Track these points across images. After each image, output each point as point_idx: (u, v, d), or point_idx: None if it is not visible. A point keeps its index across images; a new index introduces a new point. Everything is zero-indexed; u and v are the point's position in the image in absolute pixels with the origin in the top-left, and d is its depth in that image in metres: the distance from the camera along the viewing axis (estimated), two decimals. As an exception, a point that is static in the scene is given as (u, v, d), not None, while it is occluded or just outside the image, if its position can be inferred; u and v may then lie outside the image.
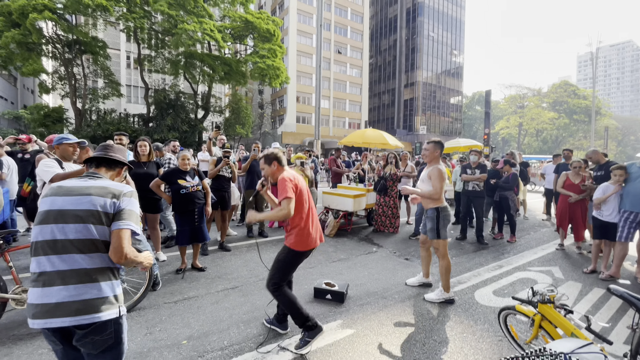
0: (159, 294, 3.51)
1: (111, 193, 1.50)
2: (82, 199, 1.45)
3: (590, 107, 47.10)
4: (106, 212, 1.47)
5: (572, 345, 1.61)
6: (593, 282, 4.19)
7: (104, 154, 1.68)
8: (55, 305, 1.34)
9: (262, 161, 2.66)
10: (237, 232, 6.10)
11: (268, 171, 2.64)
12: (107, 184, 1.55)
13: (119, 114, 25.06)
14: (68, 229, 1.40)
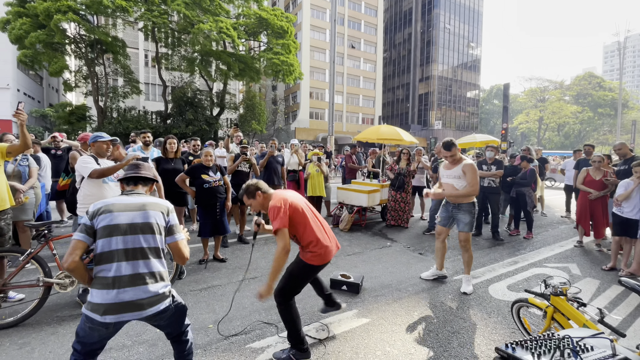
0: (185, 283, 3.73)
1: (163, 209, 1.83)
2: (144, 214, 1.74)
3: (616, 99, 45.08)
4: (162, 224, 1.79)
5: (583, 333, 1.68)
6: (612, 279, 4.16)
7: (137, 173, 1.93)
8: (128, 303, 1.60)
9: (244, 198, 2.45)
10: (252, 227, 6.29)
11: (256, 205, 2.44)
12: (157, 201, 1.85)
13: (138, 112, 25.81)
14: (136, 240, 1.68)
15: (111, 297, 1.58)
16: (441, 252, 3.98)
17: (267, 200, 2.40)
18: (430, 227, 6.25)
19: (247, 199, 2.44)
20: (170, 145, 4.66)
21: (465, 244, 3.70)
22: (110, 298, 1.58)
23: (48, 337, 2.59)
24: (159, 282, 1.71)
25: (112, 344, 2.49)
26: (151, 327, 2.78)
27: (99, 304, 1.58)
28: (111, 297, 1.59)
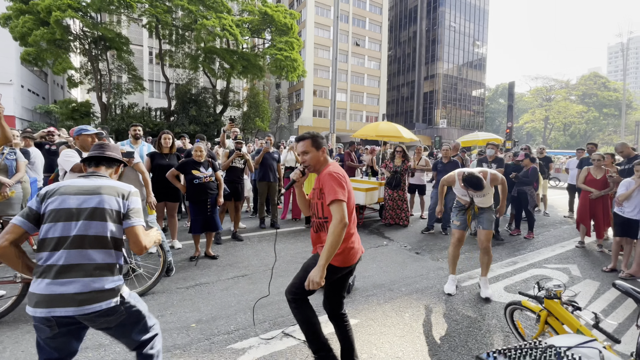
0: (172, 280, 3.66)
1: (120, 193, 1.63)
2: (95, 198, 1.55)
3: (621, 100, 44.45)
4: (118, 210, 1.59)
5: (574, 340, 1.57)
6: (612, 281, 4.00)
7: (101, 153, 1.76)
8: (61, 296, 1.41)
9: (306, 143, 2.02)
10: (247, 225, 6.19)
11: (312, 159, 2.02)
12: (115, 184, 1.66)
13: (142, 108, 25.88)
14: (82, 226, 1.49)
15: (41, 288, 1.41)
16: (457, 260, 3.69)
17: (324, 162, 2.07)
18: (429, 227, 6.13)
19: (309, 145, 2.02)
20: (165, 141, 4.59)
21: (487, 244, 3.48)
22: (40, 288, 1.41)
23: (23, 336, 2.53)
24: (103, 277, 1.49)
25: (89, 343, 2.42)
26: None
27: (31, 294, 1.43)
28: (42, 287, 1.41)
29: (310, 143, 2.03)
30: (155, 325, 1.79)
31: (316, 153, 2.04)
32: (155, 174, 4.42)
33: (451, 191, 6.08)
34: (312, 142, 2.04)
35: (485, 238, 3.50)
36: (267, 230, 5.89)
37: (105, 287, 1.49)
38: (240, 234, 5.31)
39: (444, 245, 5.32)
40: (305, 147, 2.04)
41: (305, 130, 13.83)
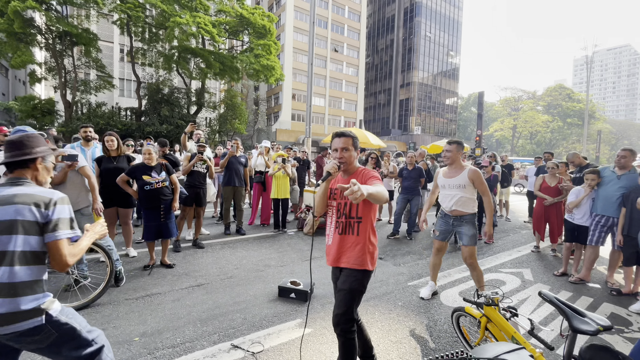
0: (122, 290, 3.47)
1: (38, 202, 1.46)
2: (9, 209, 1.40)
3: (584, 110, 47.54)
4: (35, 221, 1.43)
5: (500, 349, 1.61)
6: (562, 285, 4.22)
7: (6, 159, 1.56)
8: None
9: (348, 140, 2.02)
10: (211, 231, 6.02)
11: (350, 157, 2.01)
12: (33, 191, 1.49)
13: (111, 107, 24.81)
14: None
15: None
16: (438, 268, 3.71)
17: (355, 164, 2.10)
18: (394, 232, 6.22)
19: (350, 144, 2.03)
20: (109, 143, 4.28)
21: (471, 261, 3.34)
22: None
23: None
24: (22, 296, 1.37)
25: None
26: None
27: None
28: None
29: (352, 141, 2.05)
30: (99, 337, 1.65)
31: (354, 152, 2.05)
32: (102, 178, 4.18)
33: (416, 197, 6.23)
34: (353, 141, 2.06)
35: (468, 254, 3.36)
36: (232, 236, 5.75)
37: (24, 307, 1.37)
38: (201, 242, 5.15)
39: (407, 251, 5.41)
40: (346, 144, 2.03)
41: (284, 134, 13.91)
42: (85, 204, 3.52)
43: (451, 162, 3.47)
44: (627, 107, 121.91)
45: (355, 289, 1.96)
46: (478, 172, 3.33)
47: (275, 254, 4.95)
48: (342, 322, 1.93)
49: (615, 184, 4.08)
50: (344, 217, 2.02)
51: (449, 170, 3.50)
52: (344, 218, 2.02)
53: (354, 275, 1.98)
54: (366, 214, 1.99)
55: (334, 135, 2.10)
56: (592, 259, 4.27)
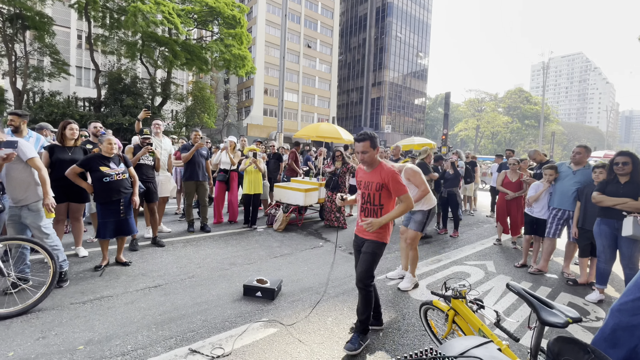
0: (67, 294, 3.14)
1: None
2: None
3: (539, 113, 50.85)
4: None
5: (468, 343, 1.57)
6: (522, 275, 4.40)
7: None
8: None
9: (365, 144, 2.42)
10: (173, 229, 5.69)
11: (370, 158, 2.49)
12: None
13: (68, 97, 22.96)
14: None
15: None
16: (405, 252, 3.98)
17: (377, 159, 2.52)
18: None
19: (368, 146, 2.42)
20: (72, 132, 3.92)
21: (411, 243, 3.79)
22: None
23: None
24: None
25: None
26: (2, 350, 2.23)
27: None
28: None
29: (369, 143, 2.42)
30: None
31: (373, 152, 2.45)
32: (55, 170, 3.74)
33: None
34: (371, 143, 2.43)
35: (411, 236, 3.81)
36: (195, 234, 5.46)
37: None
38: (161, 240, 4.82)
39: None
40: (365, 148, 2.43)
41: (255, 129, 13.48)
42: (35, 199, 3.12)
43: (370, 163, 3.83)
44: (578, 110, 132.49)
45: (376, 252, 2.49)
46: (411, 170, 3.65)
47: (242, 251, 4.74)
48: (364, 278, 2.47)
49: (571, 179, 4.30)
50: (368, 204, 2.53)
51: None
52: (368, 205, 2.53)
53: (376, 244, 2.50)
54: (386, 202, 2.50)
55: (355, 140, 2.51)
56: (550, 251, 4.49)
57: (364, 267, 2.48)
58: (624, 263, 3.44)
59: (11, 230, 3.08)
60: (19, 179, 3.05)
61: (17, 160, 2.99)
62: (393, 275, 4.04)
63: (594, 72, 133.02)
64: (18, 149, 2.94)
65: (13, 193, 3.04)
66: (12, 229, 3.08)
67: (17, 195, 3.04)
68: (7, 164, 2.94)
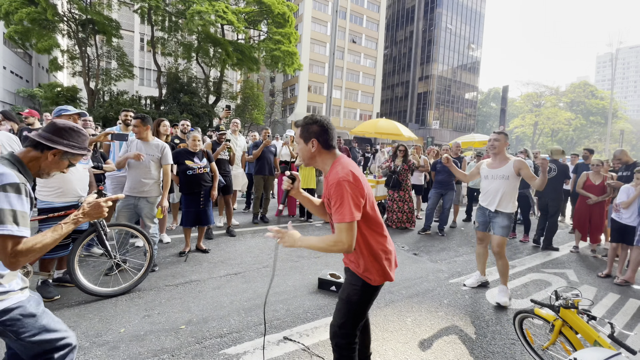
0: (160, 277, 3.45)
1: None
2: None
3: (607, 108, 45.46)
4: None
5: (600, 355, 1.47)
6: (608, 286, 4.00)
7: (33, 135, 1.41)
8: None
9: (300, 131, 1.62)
10: (240, 221, 5.96)
11: (304, 153, 1.63)
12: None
13: (132, 96, 25.16)
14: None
15: None
16: (483, 258, 3.70)
17: (324, 159, 1.63)
18: (425, 227, 6.03)
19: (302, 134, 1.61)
20: (165, 128, 4.38)
21: (498, 250, 3.32)
22: None
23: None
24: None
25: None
26: (114, 327, 2.52)
27: None
28: None
29: (300, 133, 1.62)
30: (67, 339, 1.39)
31: (305, 146, 1.61)
32: None
33: (450, 192, 6.02)
34: (302, 132, 1.62)
35: (496, 243, 3.33)
36: (260, 225, 5.70)
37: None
38: (233, 230, 5.11)
39: (442, 247, 5.24)
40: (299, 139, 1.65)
41: (301, 125, 13.59)
42: (156, 194, 3.58)
43: (497, 152, 3.39)
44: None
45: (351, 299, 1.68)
46: (523, 162, 3.24)
47: (307, 245, 4.85)
48: (334, 334, 1.71)
49: (673, 183, 3.80)
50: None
51: (493, 161, 3.45)
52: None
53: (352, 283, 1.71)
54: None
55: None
56: (638, 260, 4.02)
57: (335, 317, 1.71)
58: None
59: (123, 217, 3.44)
60: (149, 174, 3.47)
61: (154, 158, 3.46)
62: (472, 283, 3.70)
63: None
64: (165, 152, 3.48)
65: (137, 184, 3.42)
66: (124, 215, 3.45)
67: (140, 186, 3.42)
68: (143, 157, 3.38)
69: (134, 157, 3.26)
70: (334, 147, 1.64)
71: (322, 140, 1.59)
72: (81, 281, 2.87)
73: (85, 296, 2.92)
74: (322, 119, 1.61)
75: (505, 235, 3.31)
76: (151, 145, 3.50)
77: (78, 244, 2.91)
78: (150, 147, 3.49)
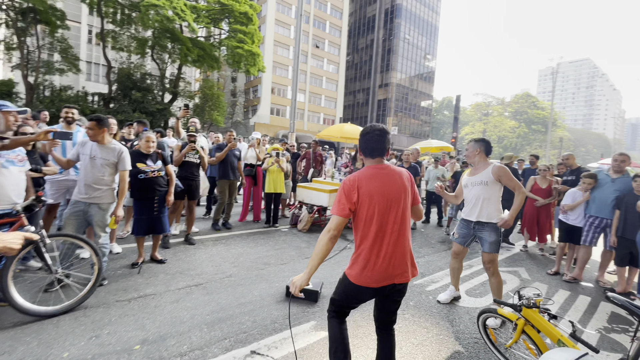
0: (110, 291, 3.11)
1: None
2: None
3: (547, 118, 50.58)
4: None
5: (568, 356, 1.53)
6: (557, 283, 4.33)
7: None
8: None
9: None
10: (198, 227, 5.63)
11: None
12: None
13: (77, 92, 23.05)
14: None
15: None
16: (457, 272, 3.48)
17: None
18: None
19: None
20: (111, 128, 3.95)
21: (489, 266, 3.11)
22: None
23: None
24: None
25: None
26: (56, 351, 2.20)
27: None
28: None
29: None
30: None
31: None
32: None
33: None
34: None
35: (488, 259, 3.12)
36: (222, 232, 5.43)
37: None
38: (192, 237, 4.80)
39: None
40: None
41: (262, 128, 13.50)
42: (110, 200, 3.26)
43: (471, 162, 3.29)
44: (585, 117, 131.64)
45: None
46: (504, 168, 3.05)
47: (273, 251, 4.70)
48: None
49: (610, 187, 4.23)
50: None
51: (473, 170, 3.28)
52: None
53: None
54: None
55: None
56: (585, 259, 4.41)
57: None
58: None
59: (70, 226, 3.06)
60: (102, 179, 3.13)
61: (109, 163, 3.16)
62: (446, 299, 3.44)
63: (602, 78, 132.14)
64: (122, 157, 3.21)
65: (88, 189, 3.08)
66: (72, 224, 3.07)
67: (92, 192, 3.08)
68: (93, 159, 3.10)
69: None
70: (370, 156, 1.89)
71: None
72: (16, 299, 2.50)
73: (21, 317, 2.54)
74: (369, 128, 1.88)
75: (495, 251, 3.09)
76: (107, 148, 3.17)
77: (12, 258, 2.52)
78: (107, 150, 3.16)
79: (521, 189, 3.03)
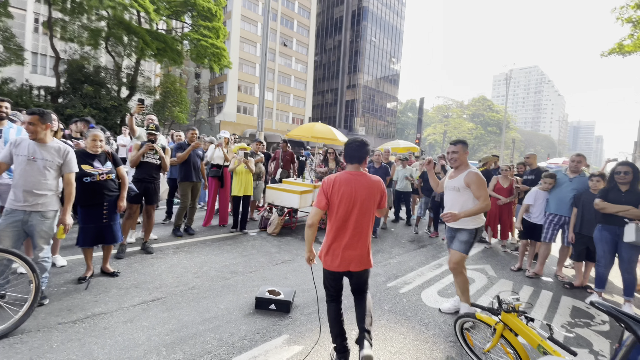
0: (52, 312, 2.70)
1: None
2: None
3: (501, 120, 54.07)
4: None
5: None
6: (521, 279, 4.49)
7: None
8: None
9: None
10: (157, 233, 5.15)
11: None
12: None
13: (22, 85, 20.83)
14: None
15: None
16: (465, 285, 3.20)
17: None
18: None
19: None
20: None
21: (454, 266, 3.09)
22: None
23: None
24: None
25: None
26: None
27: None
28: None
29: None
30: None
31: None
32: None
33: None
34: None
35: (454, 259, 3.10)
36: (184, 239, 5.04)
37: None
38: (150, 246, 4.38)
39: (376, 249, 5.33)
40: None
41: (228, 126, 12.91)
42: (54, 207, 2.84)
43: (457, 165, 3.18)
44: (533, 119, 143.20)
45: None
46: (476, 174, 2.99)
47: (240, 258, 4.43)
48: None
49: (567, 186, 4.46)
50: None
51: (454, 171, 3.24)
52: None
53: None
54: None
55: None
56: (546, 255, 4.63)
57: None
58: (623, 267, 3.60)
59: (7, 238, 2.60)
60: (45, 183, 2.71)
61: (52, 164, 2.75)
62: (449, 308, 3.30)
63: (548, 84, 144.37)
64: (68, 158, 2.84)
65: (28, 195, 2.65)
66: (8, 236, 2.62)
67: (33, 198, 2.65)
68: (33, 161, 2.67)
69: None
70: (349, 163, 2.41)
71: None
72: None
73: None
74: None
75: (462, 251, 3.06)
76: (49, 148, 2.73)
77: None
78: (48, 150, 2.72)
79: (486, 201, 2.92)
